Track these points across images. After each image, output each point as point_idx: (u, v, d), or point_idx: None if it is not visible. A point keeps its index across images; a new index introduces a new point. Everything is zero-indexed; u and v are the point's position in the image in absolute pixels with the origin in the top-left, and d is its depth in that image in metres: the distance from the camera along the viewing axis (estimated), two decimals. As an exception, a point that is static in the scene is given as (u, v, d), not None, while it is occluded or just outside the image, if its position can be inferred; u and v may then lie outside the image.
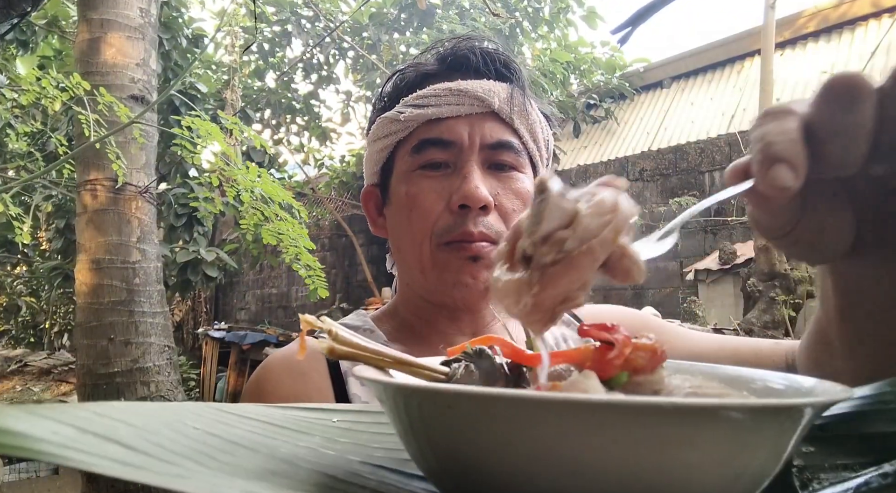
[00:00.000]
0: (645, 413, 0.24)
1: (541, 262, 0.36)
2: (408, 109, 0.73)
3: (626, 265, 0.36)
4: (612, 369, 0.33)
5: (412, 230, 0.72)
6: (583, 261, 0.35)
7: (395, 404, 0.31)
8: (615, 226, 0.35)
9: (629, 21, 1.18)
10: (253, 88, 7.18)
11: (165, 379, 3.47)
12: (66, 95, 2.59)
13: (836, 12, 5.03)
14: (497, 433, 0.26)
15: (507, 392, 0.26)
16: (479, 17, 5.61)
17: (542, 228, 0.36)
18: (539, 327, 0.37)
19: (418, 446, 0.31)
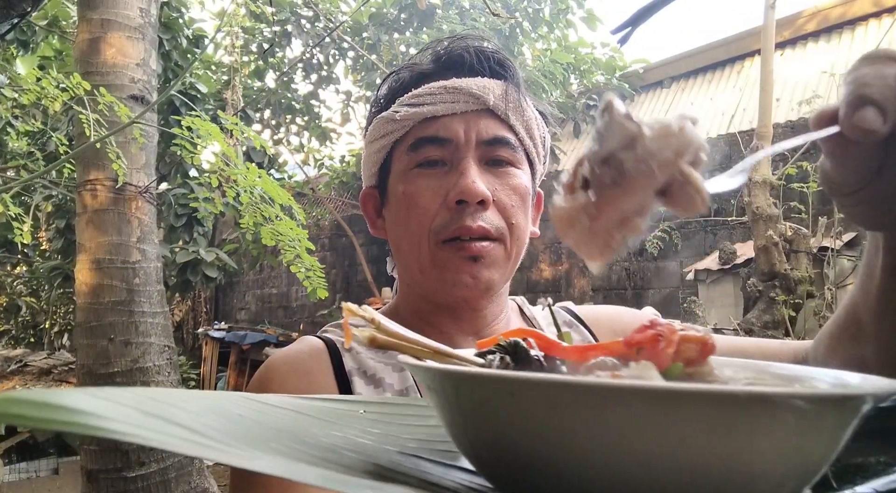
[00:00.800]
0: (722, 402, 0.24)
1: (599, 183, 0.35)
2: (403, 108, 0.73)
3: (689, 193, 0.34)
4: (666, 360, 0.32)
5: (410, 229, 0.72)
6: (641, 183, 0.34)
7: (448, 391, 0.30)
8: (677, 149, 0.34)
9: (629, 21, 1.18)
10: (253, 89, 7.18)
11: (165, 379, 3.47)
12: (66, 95, 2.59)
13: (836, 12, 5.03)
14: (562, 422, 0.25)
15: (577, 379, 0.26)
16: (479, 17, 5.61)
17: (602, 147, 0.35)
18: (595, 255, 0.36)
19: (471, 436, 0.30)
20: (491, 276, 0.71)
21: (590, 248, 0.36)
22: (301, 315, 8.01)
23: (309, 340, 0.75)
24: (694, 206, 0.35)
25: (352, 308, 0.36)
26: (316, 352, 0.73)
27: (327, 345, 0.73)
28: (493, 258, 0.71)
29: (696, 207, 0.35)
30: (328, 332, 0.78)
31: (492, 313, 0.77)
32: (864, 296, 0.48)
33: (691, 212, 0.35)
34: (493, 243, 0.70)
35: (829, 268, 3.42)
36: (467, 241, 0.69)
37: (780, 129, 4.04)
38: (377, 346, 0.35)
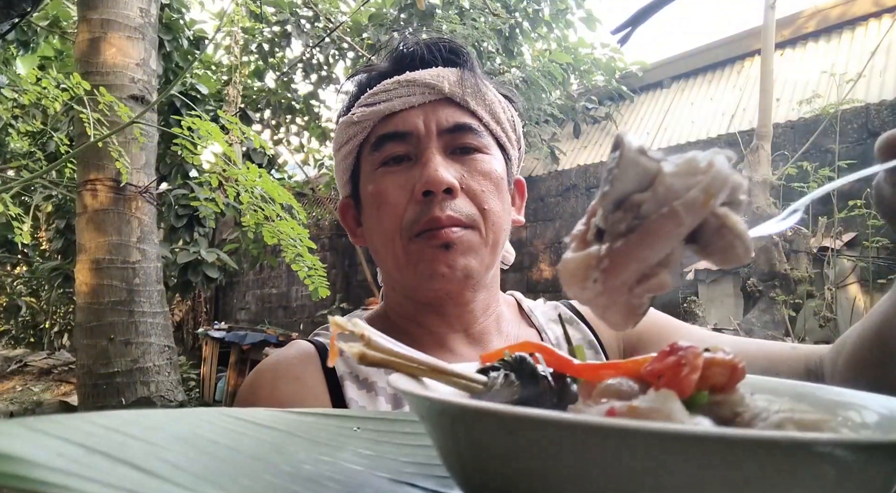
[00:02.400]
0: (756, 448, 0.21)
1: (614, 231, 0.30)
2: (360, 109, 0.73)
3: (728, 240, 0.29)
4: (689, 388, 0.28)
5: (382, 228, 0.71)
6: (663, 227, 0.28)
7: (440, 423, 0.27)
8: (707, 187, 0.28)
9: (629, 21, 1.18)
10: (253, 88, 7.18)
11: (165, 379, 3.47)
12: (66, 95, 2.59)
13: (835, 12, 5.03)
14: (567, 465, 0.23)
15: (584, 419, 0.22)
16: (479, 17, 5.60)
17: (614, 189, 0.30)
18: (616, 319, 0.31)
19: (466, 473, 0.27)
20: (467, 263, 0.68)
21: (607, 311, 0.31)
22: (301, 315, 8.01)
23: (299, 344, 0.74)
24: (734, 255, 0.29)
25: (340, 323, 0.33)
26: (306, 356, 0.71)
27: (318, 349, 0.72)
28: (468, 245, 0.68)
29: (738, 256, 0.29)
30: (320, 336, 0.77)
31: (479, 307, 0.75)
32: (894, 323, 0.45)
33: (733, 262, 0.30)
34: (465, 230, 0.68)
35: (829, 268, 3.42)
36: (438, 229, 0.67)
37: (780, 129, 4.04)
38: (368, 363, 0.32)
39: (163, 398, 3.41)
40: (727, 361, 0.30)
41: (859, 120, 3.81)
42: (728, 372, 0.29)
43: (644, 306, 0.31)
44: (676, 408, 0.26)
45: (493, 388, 0.34)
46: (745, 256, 0.30)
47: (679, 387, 0.28)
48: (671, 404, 0.26)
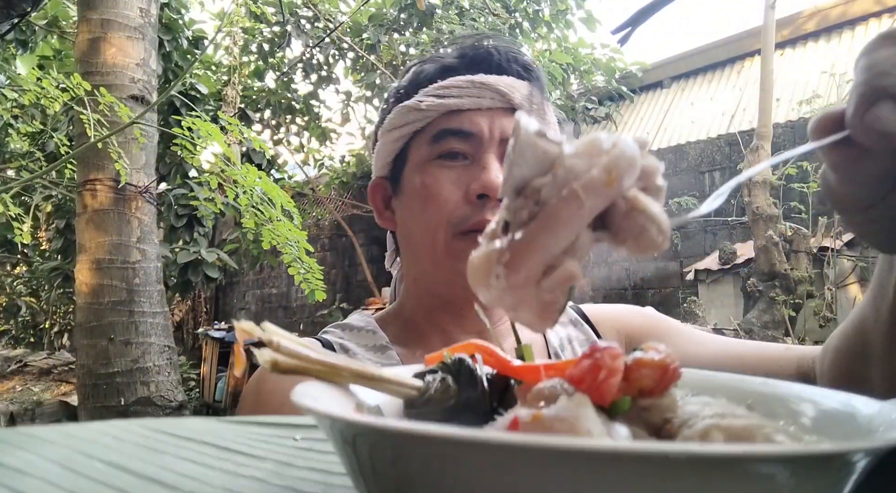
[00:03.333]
0: (648, 464, 0.18)
1: (516, 221, 0.27)
2: (428, 98, 0.72)
3: (639, 224, 0.27)
4: (609, 393, 0.26)
5: (426, 219, 0.72)
6: (564, 211, 0.26)
7: (335, 437, 0.25)
8: (609, 165, 0.26)
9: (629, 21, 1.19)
10: (253, 89, 7.18)
11: (165, 379, 3.47)
12: (66, 96, 2.59)
13: (835, 12, 5.03)
14: (460, 483, 0.21)
15: (462, 434, 0.20)
16: (479, 17, 5.60)
17: (513, 175, 0.27)
18: (531, 318, 0.29)
19: (365, 486, 0.25)
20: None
21: (518, 310, 0.28)
22: (301, 315, 8.01)
23: (306, 341, 0.75)
24: (648, 239, 0.27)
25: (246, 328, 0.30)
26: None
27: (324, 347, 0.73)
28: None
29: (652, 240, 0.27)
30: (328, 333, 0.78)
31: (497, 313, 0.76)
32: (874, 314, 0.44)
33: (648, 248, 0.27)
34: None
35: (829, 268, 3.42)
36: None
37: (780, 129, 4.04)
38: (281, 371, 0.30)
39: (163, 398, 3.41)
40: (657, 361, 0.27)
41: (859, 120, 3.80)
42: (658, 374, 0.27)
43: (559, 302, 0.28)
44: (586, 416, 0.24)
45: (427, 393, 0.32)
46: (661, 240, 0.27)
47: (597, 392, 0.26)
48: (581, 412, 0.24)
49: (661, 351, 0.28)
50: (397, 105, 0.76)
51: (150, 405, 3.30)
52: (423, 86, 0.74)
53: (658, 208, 0.27)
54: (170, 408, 3.39)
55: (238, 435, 0.38)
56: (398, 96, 0.77)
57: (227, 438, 0.37)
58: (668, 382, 0.27)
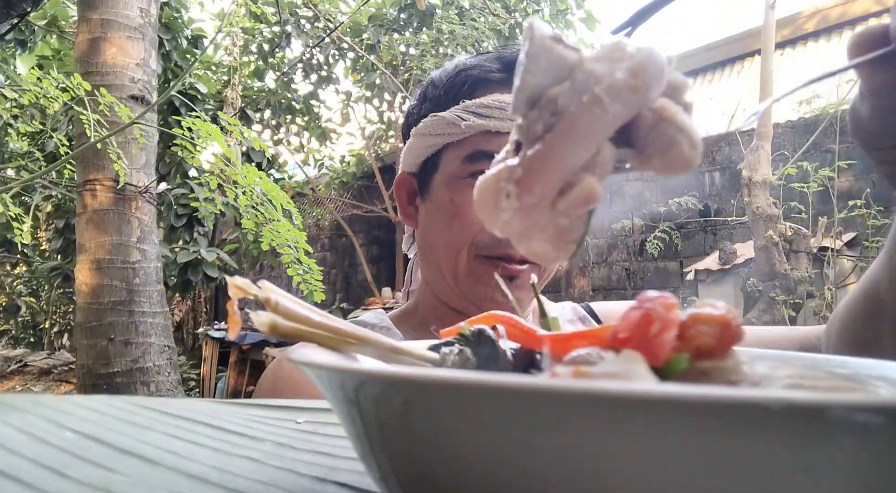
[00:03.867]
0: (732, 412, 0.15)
1: (530, 136, 0.25)
2: (470, 116, 0.71)
3: (668, 135, 0.24)
4: (663, 350, 0.22)
5: (451, 237, 0.72)
6: (584, 119, 0.23)
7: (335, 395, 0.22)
8: (634, 68, 0.23)
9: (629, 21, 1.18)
10: (253, 89, 7.18)
11: (165, 379, 3.47)
12: (66, 96, 2.59)
13: (835, 12, 5.03)
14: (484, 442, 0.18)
15: (501, 380, 0.16)
16: (479, 17, 5.60)
17: (525, 84, 0.24)
18: (544, 246, 0.25)
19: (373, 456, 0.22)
20: (521, 296, 0.72)
21: (531, 238, 0.25)
22: (301, 315, 8.02)
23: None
24: (679, 153, 0.24)
25: (241, 286, 0.27)
26: None
27: None
28: (527, 280, 0.71)
29: (684, 154, 0.24)
30: None
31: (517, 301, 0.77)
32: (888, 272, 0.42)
33: (679, 165, 0.24)
34: (529, 266, 0.70)
35: (829, 268, 3.42)
36: (508, 262, 0.69)
37: (780, 129, 4.04)
38: (280, 335, 0.26)
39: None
40: (716, 316, 0.23)
41: (859, 120, 3.80)
42: (717, 331, 0.23)
43: (575, 230, 0.25)
44: (639, 372, 0.20)
45: (443, 366, 0.29)
46: (693, 154, 0.24)
47: (649, 349, 0.22)
48: (633, 368, 0.21)
49: (718, 307, 0.24)
50: (433, 110, 0.74)
51: (150, 405, 3.30)
52: (464, 97, 0.73)
53: (688, 118, 0.24)
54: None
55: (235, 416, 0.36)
56: (436, 100, 0.75)
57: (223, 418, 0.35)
58: (731, 341, 0.23)
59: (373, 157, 6.65)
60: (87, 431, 0.30)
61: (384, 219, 6.70)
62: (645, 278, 4.76)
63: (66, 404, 0.35)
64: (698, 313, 0.24)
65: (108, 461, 0.26)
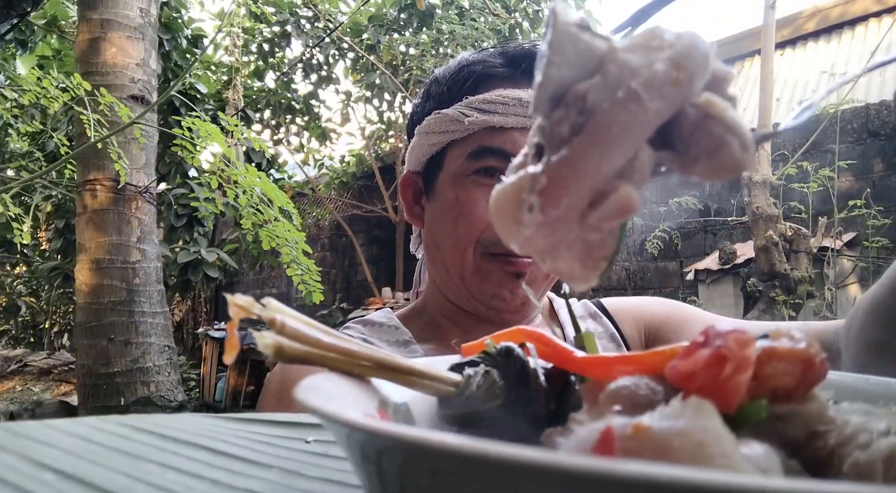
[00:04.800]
0: None
1: (554, 139, 0.21)
2: (473, 112, 0.70)
3: (716, 135, 0.20)
4: (738, 396, 0.19)
5: (457, 235, 0.71)
6: (619, 118, 0.20)
7: (352, 450, 0.20)
8: (676, 58, 0.20)
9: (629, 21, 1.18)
10: (253, 89, 7.18)
11: (165, 379, 3.47)
12: (66, 96, 2.59)
13: (835, 12, 5.03)
14: None
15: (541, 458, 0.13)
16: (479, 17, 5.61)
17: (549, 78, 0.21)
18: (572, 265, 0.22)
19: None
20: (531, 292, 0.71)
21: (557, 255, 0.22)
22: (301, 315, 8.01)
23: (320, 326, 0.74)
24: (729, 156, 0.20)
25: (243, 305, 0.24)
26: None
27: None
28: (534, 276, 0.71)
29: (734, 157, 0.20)
30: (349, 328, 0.77)
31: (518, 318, 0.75)
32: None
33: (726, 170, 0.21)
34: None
35: (829, 268, 3.42)
36: (515, 258, 0.69)
37: (779, 129, 4.04)
38: (287, 359, 0.24)
39: (163, 398, 3.41)
40: (798, 351, 0.20)
41: (859, 120, 3.81)
42: (799, 370, 0.20)
43: (608, 245, 0.21)
44: (715, 429, 0.16)
45: (467, 390, 0.26)
46: (745, 157, 0.20)
47: (720, 394, 0.19)
48: (706, 423, 0.17)
49: (796, 338, 0.20)
50: (437, 107, 0.73)
51: (150, 405, 3.30)
52: (468, 93, 0.72)
53: (737, 116, 0.21)
54: (170, 408, 3.39)
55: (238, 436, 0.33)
56: (440, 97, 0.75)
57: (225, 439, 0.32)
58: (814, 380, 0.20)
59: (373, 157, 6.65)
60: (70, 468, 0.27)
61: (384, 219, 6.70)
62: (645, 278, 4.76)
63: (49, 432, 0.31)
64: (775, 347, 0.20)
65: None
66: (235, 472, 0.28)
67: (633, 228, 4.72)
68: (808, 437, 0.19)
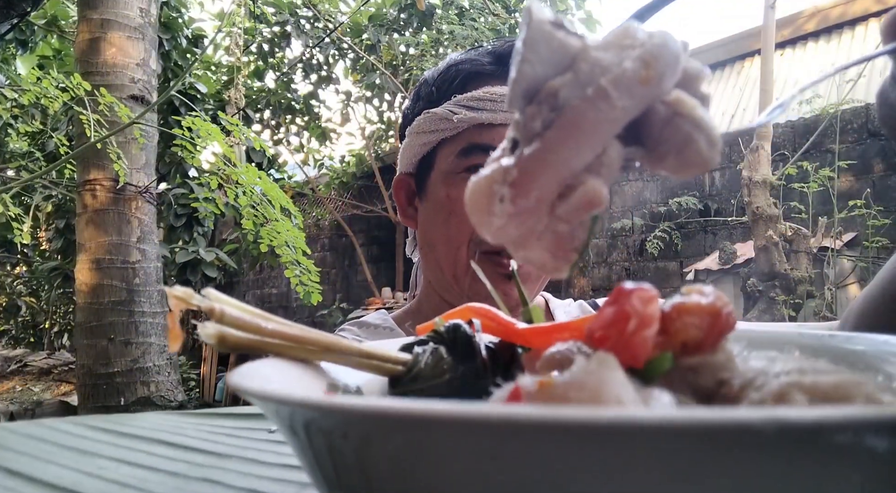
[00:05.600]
0: (717, 439, 0.13)
1: (527, 133, 0.22)
2: (461, 110, 0.71)
3: (684, 132, 0.21)
4: (644, 351, 0.20)
5: (449, 234, 0.71)
6: (588, 114, 0.20)
7: (282, 425, 0.20)
8: (645, 57, 0.21)
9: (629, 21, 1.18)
10: (253, 89, 7.18)
11: (165, 379, 3.47)
12: (66, 96, 2.59)
13: (835, 12, 5.03)
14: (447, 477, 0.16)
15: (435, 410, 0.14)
16: (479, 17, 5.60)
17: (522, 75, 0.21)
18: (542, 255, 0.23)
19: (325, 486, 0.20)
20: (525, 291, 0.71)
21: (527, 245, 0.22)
22: (301, 315, 8.01)
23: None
24: (695, 153, 0.21)
25: (180, 296, 0.24)
26: None
27: None
28: (526, 277, 0.71)
29: (701, 154, 0.21)
30: (344, 330, 0.78)
31: None
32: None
33: (695, 165, 0.21)
34: None
35: (829, 268, 3.42)
36: (506, 257, 0.69)
37: (780, 129, 4.04)
38: (230, 348, 0.24)
39: (163, 398, 3.41)
40: (704, 306, 0.21)
41: (859, 120, 3.81)
42: (706, 323, 0.21)
43: (576, 237, 0.22)
44: (613, 379, 0.18)
45: (415, 368, 0.26)
46: (712, 154, 0.21)
47: (627, 350, 0.20)
48: (605, 374, 0.18)
49: (706, 293, 0.21)
50: (427, 107, 0.74)
51: (150, 405, 3.30)
52: (456, 92, 0.72)
53: (706, 113, 0.21)
54: (170, 408, 3.39)
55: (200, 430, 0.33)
56: (429, 97, 0.75)
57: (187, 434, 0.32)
58: (721, 333, 0.21)
59: (373, 157, 6.65)
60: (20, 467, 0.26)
61: (384, 219, 6.70)
62: (645, 278, 4.76)
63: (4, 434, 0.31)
64: (684, 302, 0.21)
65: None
66: (194, 463, 0.28)
67: (633, 227, 4.72)
68: (716, 385, 0.20)
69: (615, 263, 4.90)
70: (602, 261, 4.96)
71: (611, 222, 4.79)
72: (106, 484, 0.25)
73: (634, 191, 4.83)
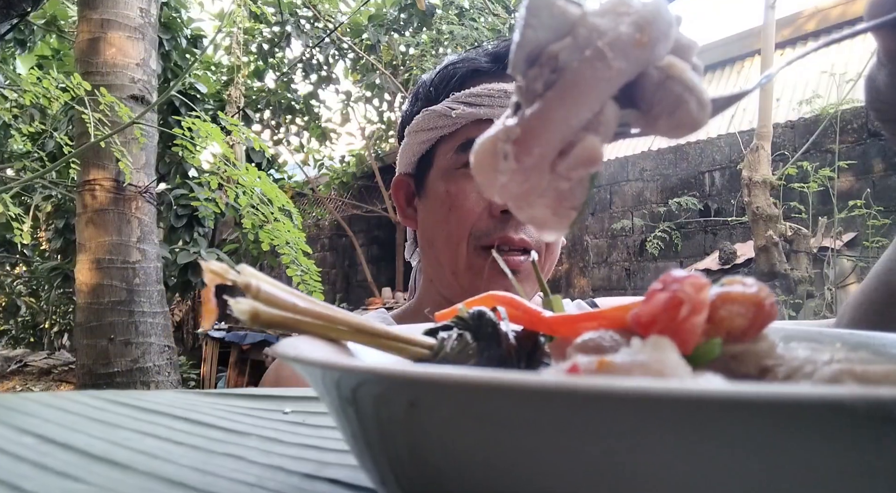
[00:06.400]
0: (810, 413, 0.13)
1: (529, 94, 0.23)
2: (459, 105, 0.71)
3: (676, 94, 0.23)
4: (693, 335, 0.20)
5: (449, 230, 0.71)
6: (586, 74, 0.22)
7: (329, 394, 0.21)
8: (639, 21, 0.22)
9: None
10: (253, 89, 7.18)
11: (165, 379, 3.47)
12: (66, 96, 2.59)
13: (835, 12, 5.03)
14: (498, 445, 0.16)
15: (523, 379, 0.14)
16: (479, 17, 5.60)
17: (525, 39, 0.23)
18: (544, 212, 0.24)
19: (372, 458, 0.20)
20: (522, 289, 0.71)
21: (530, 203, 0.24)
22: (301, 315, 8.02)
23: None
24: (686, 113, 0.23)
25: (217, 270, 0.25)
26: None
27: None
28: (527, 273, 0.71)
29: (691, 114, 0.23)
30: None
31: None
32: None
33: (686, 126, 0.23)
34: (528, 256, 0.69)
35: (829, 268, 3.42)
36: (506, 252, 0.69)
37: (780, 129, 4.04)
38: (263, 324, 0.24)
39: (163, 398, 3.41)
40: (749, 295, 0.21)
41: (859, 120, 3.81)
42: (751, 311, 0.21)
43: (576, 194, 0.23)
44: (672, 361, 0.18)
45: (441, 352, 0.27)
46: (702, 115, 0.22)
47: (678, 335, 0.20)
48: (664, 356, 0.18)
49: (749, 284, 0.22)
50: (425, 107, 0.74)
51: (150, 405, 3.31)
52: (454, 89, 0.73)
53: (696, 77, 0.23)
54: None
55: (216, 408, 0.33)
56: (427, 97, 0.76)
57: (203, 411, 0.32)
58: (764, 322, 0.21)
59: (373, 157, 6.65)
60: (51, 434, 0.27)
61: (384, 219, 6.71)
62: (645, 279, 4.76)
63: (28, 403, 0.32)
64: (728, 292, 0.21)
65: (72, 468, 0.24)
66: (214, 439, 0.28)
67: (633, 227, 4.72)
68: (760, 372, 0.21)
69: (615, 263, 4.90)
70: (602, 261, 4.97)
71: (611, 223, 4.79)
72: (134, 454, 0.25)
73: (634, 191, 4.83)
